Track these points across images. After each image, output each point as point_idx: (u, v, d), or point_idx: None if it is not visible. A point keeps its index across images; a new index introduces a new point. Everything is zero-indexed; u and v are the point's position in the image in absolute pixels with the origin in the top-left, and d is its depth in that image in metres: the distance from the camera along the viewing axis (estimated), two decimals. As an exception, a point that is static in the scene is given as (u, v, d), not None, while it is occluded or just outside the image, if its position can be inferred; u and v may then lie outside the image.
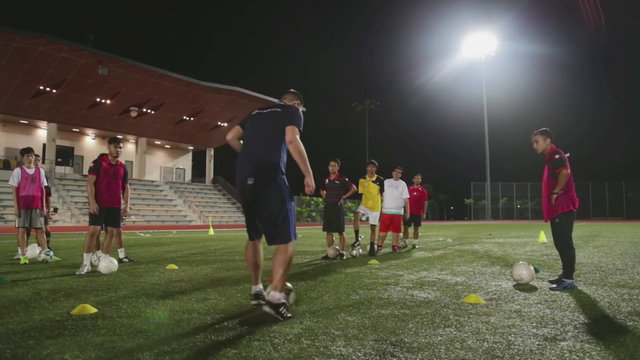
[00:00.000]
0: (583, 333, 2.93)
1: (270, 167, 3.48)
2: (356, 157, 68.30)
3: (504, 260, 7.37)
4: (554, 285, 4.67)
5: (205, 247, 11.02)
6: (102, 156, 6.45)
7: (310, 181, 3.56)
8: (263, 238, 3.72)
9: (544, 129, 5.05)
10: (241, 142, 3.81)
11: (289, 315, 3.33)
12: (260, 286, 3.81)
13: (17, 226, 7.40)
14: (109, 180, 6.32)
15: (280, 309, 3.26)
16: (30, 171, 7.50)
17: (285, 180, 3.55)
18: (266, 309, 3.25)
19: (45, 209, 7.71)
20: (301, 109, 3.91)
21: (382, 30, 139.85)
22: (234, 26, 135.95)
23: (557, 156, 4.84)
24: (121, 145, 6.54)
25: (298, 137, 3.51)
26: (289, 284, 3.67)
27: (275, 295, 3.29)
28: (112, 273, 5.89)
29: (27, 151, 7.55)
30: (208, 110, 39.94)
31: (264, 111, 3.72)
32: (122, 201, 6.63)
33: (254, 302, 3.74)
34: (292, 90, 4.00)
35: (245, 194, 3.53)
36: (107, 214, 6.31)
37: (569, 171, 4.77)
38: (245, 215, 3.70)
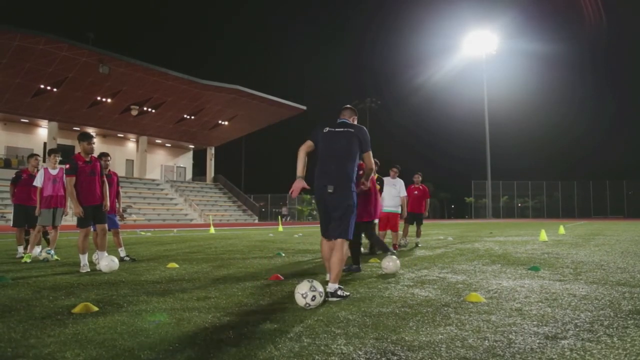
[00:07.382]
0: (584, 331, 2.93)
1: (345, 178, 4.17)
2: (357, 156, 68.02)
3: (505, 259, 7.37)
4: (345, 267, 5.43)
5: (206, 245, 11.02)
6: (76, 155, 6.22)
7: (367, 182, 4.61)
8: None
9: None
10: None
11: (347, 293, 4.13)
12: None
13: (38, 224, 7.50)
14: (89, 178, 6.13)
15: (337, 292, 4.02)
16: (54, 172, 7.55)
17: (354, 187, 4.23)
18: (329, 299, 3.94)
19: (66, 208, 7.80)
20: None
21: (382, 28, 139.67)
22: (234, 24, 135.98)
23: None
24: (94, 141, 6.27)
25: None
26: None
27: (332, 286, 4.03)
28: (113, 271, 5.90)
29: (53, 152, 7.62)
30: (208, 109, 39.92)
31: (337, 130, 4.33)
32: (116, 200, 6.53)
33: (331, 298, 3.99)
34: (348, 106, 4.64)
35: (325, 199, 4.20)
36: (94, 212, 6.18)
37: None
38: (320, 216, 4.33)
